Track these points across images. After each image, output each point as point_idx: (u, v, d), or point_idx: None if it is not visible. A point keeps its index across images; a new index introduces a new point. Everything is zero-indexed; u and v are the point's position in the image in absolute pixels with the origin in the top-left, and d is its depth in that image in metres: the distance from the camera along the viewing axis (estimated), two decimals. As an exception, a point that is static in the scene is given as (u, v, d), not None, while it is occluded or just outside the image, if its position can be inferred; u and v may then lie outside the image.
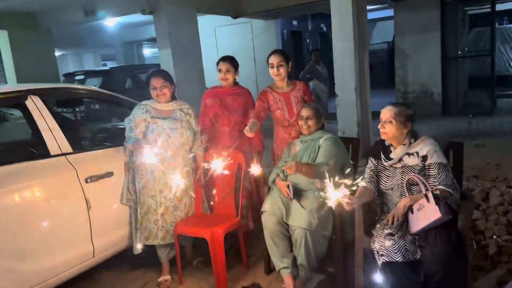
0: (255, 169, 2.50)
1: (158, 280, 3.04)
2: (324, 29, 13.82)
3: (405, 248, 2.18)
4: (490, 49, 8.70)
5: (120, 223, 3.00)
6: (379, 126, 2.43)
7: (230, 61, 3.21)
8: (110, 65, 16.04)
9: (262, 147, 3.35)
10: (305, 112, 2.88)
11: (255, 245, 3.34)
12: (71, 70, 12.15)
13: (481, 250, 2.86)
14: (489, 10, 8.68)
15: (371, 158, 2.61)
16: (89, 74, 8.51)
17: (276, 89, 3.18)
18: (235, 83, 3.31)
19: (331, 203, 2.21)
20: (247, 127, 2.78)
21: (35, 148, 2.77)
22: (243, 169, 3.01)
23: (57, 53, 8.63)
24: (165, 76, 2.98)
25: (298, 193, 2.73)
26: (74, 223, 2.68)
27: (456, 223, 2.19)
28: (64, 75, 8.53)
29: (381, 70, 13.74)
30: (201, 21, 7.15)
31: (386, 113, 2.41)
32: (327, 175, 2.57)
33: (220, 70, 3.21)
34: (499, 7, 8.77)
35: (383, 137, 2.46)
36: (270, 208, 2.74)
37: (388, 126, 2.39)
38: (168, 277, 3.04)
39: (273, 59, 3.08)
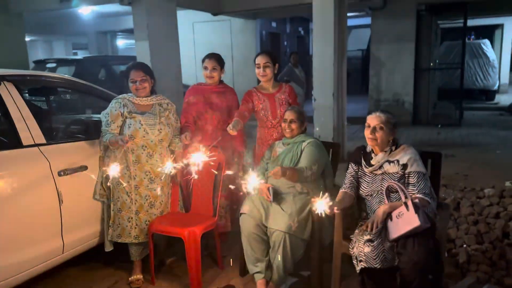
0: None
1: (130, 279, 2.95)
2: (302, 32, 13.95)
3: (384, 255, 2.21)
4: (460, 62, 9.01)
5: (92, 219, 2.90)
6: (368, 132, 2.45)
7: (216, 58, 3.15)
8: (81, 54, 15.56)
9: (244, 147, 3.32)
10: (289, 115, 2.88)
11: (231, 246, 3.31)
12: (41, 57, 11.70)
13: (451, 258, 2.94)
14: (460, 25, 9.00)
15: (352, 164, 2.63)
16: (61, 62, 8.17)
17: (262, 90, 3.17)
18: (220, 81, 3.27)
19: (320, 209, 2.21)
20: (230, 125, 2.77)
21: (6, 138, 2.63)
22: (223, 168, 2.97)
23: (26, 39, 8.22)
24: (146, 69, 2.91)
25: (277, 196, 2.72)
26: (44, 217, 2.56)
27: (433, 231, 2.24)
28: (35, 62, 8.16)
29: (354, 77, 13.99)
30: (180, 15, 7.00)
31: (376, 119, 2.43)
32: (310, 180, 2.59)
33: (206, 68, 3.15)
34: (468, 22, 9.14)
35: (371, 143, 2.48)
36: (249, 210, 2.71)
37: (378, 133, 2.42)
38: (140, 276, 2.96)
39: (260, 59, 3.06)
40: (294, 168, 2.67)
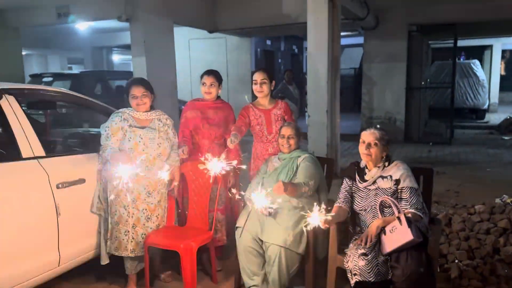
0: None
1: (124, 292, 2.96)
2: (296, 51, 14.16)
3: (378, 268, 2.25)
4: (451, 82, 9.20)
5: (89, 232, 2.92)
6: (363, 148, 2.52)
7: (214, 75, 3.22)
8: (76, 69, 15.59)
9: (240, 162, 3.37)
10: (286, 131, 2.95)
11: (225, 259, 3.32)
12: (36, 71, 11.71)
13: (443, 273, 2.98)
14: (450, 45, 9.21)
15: (346, 179, 2.69)
16: (58, 76, 8.21)
17: (258, 105, 3.25)
18: (218, 97, 3.33)
19: (314, 223, 2.26)
20: (230, 138, 2.83)
21: (6, 150, 2.66)
22: (219, 182, 3.02)
23: (22, 53, 8.26)
24: (146, 85, 2.97)
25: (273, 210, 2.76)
26: (42, 229, 2.58)
27: (426, 246, 2.29)
28: (31, 76, 8.20)
29: (346, 95, 14.17)
30: (176, 32, 7.11)
31: (371, 136, 2.51)
32: (306, 195, 2.63)
33: (204, 84, 3.22)
34: (458, 43, 9.39)
35: (365, 159, 2.55)
36: (245, 224, 2.74)
37: (373, 149, 2.49)
38: (134, 290, 2.97)
39: (257, 76, 3.16)
40: (294, 183, 2.72)
